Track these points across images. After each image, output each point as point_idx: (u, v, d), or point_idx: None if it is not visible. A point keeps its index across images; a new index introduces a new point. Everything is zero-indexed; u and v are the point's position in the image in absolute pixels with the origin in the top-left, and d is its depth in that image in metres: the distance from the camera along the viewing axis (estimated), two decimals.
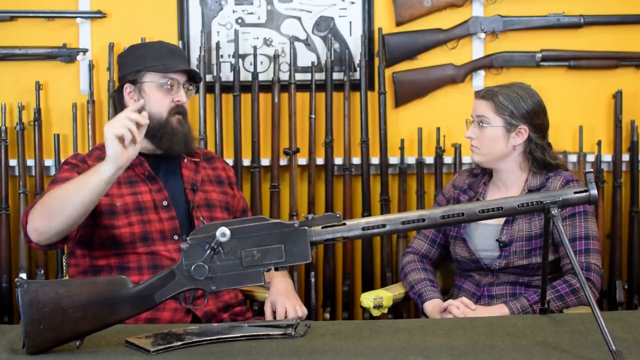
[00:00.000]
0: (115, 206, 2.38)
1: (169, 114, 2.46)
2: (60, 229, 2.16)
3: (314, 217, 1.85)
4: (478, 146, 2.59)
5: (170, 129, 2.45)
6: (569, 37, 3.49)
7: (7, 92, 3.45)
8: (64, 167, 2.41)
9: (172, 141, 2.46)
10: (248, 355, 1.81)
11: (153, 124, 2.42)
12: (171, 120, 2.46)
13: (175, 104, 2.47)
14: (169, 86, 2.46)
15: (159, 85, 2.45)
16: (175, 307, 2.34)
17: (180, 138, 2.47)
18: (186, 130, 2.49)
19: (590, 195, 1.87)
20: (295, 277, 3.35)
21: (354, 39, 3.49)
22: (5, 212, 3.40)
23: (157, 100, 2.45)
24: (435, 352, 1.80)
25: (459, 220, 1.89)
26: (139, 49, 2.56)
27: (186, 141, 2.49)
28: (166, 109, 2.46)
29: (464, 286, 2.64)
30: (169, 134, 2.45)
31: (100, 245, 2.37)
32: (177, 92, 2.47)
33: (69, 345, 1.83)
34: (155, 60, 2.46)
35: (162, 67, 2.45)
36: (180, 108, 2.48)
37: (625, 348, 1.75)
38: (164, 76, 2.45)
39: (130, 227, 2.37)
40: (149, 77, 2.45)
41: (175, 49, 2.59)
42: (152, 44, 2.68)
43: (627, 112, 3.47)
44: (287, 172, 3.48)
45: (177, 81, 2.47)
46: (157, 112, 2.44)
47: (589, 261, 2.47)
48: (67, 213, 2.12)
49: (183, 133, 2.47)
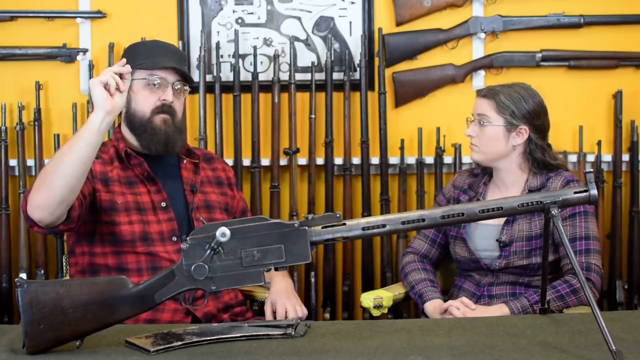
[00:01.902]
0: (116, 203, 2.37)
1: (153, 112, 2.43)
2: (61, 197, 2.11)
3: (314, 217, 1.85)
4: (478, 145, 2.59)
5: (150, 128, 2.43)
6: (569, 37, 3.49)
7: (7, 92, 3.45)
8: None
9: (150, 140, 2.43)
10: (248, 355, 1.81)
11: (137, 121, 2.44)
12: (154, 119, 2.43)
13: (161, 102, 2.43)
14: (156, 84, 2.43)
15: (145, 83, 2.44)
16: (175, 307, 2.34)
17: (160, 138, 2.43)
18: (170, 130, 2.44)
19: (590, 195, 1.87)
20: (295, 277, 3.35)
21: (354, 39, 3.49)
22: (5, 212, 3.40)
23: (142, 98, 2.43)
24: (435, 352, 1.80)
25: (459, 220, 1.89)
26: (136, 47, 2.55)
27: (167, 141, 2.44)
28: (150, 108, 2.43)
29: (464, 286, 2.64)
30: (149, 132, 2.43)
31: (101, 242, 2.37)
32: (164, 90, 2.45)
33: (69, 345, 1.83)
34: (145, 58, 2.45)
35: (149, 64, 2.43)
36: (166, 107, 2.44)
37: (625, 348, 1.75)
38: (151, 74, 2.43)
39: (131, 226, 2.37)
40: (137, 74, 2.42)
41: (168, 47, 2.55)
42: (148, 42, 2.68)
43: (627, 112, 3.47)
44: (287, 172, 3.48)
45: (165, 79, 2.44)
46: (141, 110, 2.43)
47: (589, 261, 2.47)
48: (64, 174, 2.08)
49: (165, 132, 2.43)
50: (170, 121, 2.45)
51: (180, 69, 2.47)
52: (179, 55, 2.57)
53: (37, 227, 2.21)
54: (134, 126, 2.45)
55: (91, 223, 2.36)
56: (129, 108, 2.44)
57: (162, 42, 2.59)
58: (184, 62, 2.57)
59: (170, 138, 2.45)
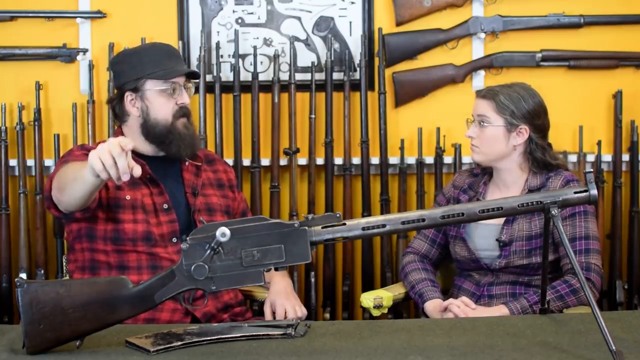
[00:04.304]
0: (124, 199, 2.38)
1: (174, 117, 2.45)
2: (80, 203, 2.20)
3: (314, 217, 1.85)
4: (478, 145, 2.59)
5: (177, 134, 2.45)
6: (569, 37, 3.48)
7: (7, 92, 3.45)
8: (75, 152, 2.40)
9: (179, 146, 2.46)
10: (248, 355, 1.81)
11: (160, 130, 2.44)
12: (177, 125, 2.45)
13: (179, 106, 2.46)
14: (172, 90, 2.45)
15: (161, 91, 2.45)
16: (174, 307, 2.34)
17: (187, 142, 2.47)
18: (192, 132, 2.50)
19: (590, 195, 1.87)
20: (295, 277, 3.35)
21: (354, 39, 3.49)
22: (5, 212, 3.40)
23: (161, 105, 2.44)
24: (435, 352, 1.80)
25: (459, 220, 1.89)
26: (135, 55, 2.50)
27: (192, 144, 2.49)
28: (171, 113, 2.45)
29: (464, 286, 2.64)
30: (177, 139, 2.45)
31: (103, 239, 2.37)
32: (179, 94, 2.46)
33: (69, 345, 1.83)
34: (154, 67, 2.44)
35: (162, 73, 2.44)
36: (184, 110, 2.47)
37: (625, 348, 1.75)
38: (165, 81, 2.44)
39: (135, 224, 2.37)
40: (150, 84, 2.44)
41: (171, 50, 2.54)
42: (147, 48, 2.62)
43: (627, 112, 3.47)
44: (287, 172, 3.48)
45: (178, 84, 2.46)
46: (163, 117, 2.44)
47: (589, 261, 2.47)
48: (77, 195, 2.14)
49: (189, 136, 2.48)
50: (188, 123, 2.49)
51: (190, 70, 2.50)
52: (179, 55, 2.59)
53: (55, 210, 2.28)
54: (157, 134, 2.45)
55: (95, 219, 2.36)
56: (149, 119, 2.44)
57: (160, 44, 2.57)
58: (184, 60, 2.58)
59: (195, 140, 2.51)
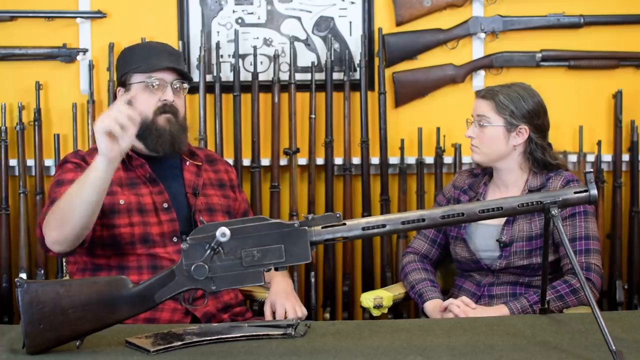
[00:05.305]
0: (119, 204, 2.37)
1: (155, 113, 2.43)
2: (76, 234, 2.17)
3: (314, 217, 1.85)
4: (478, 146, 2.59)
5: (155, 129, 2.42)
6: (569, 37, 3.49)
7: (7, 92, 3.45)
8: (67, 166, 2.40)
9: (157, 141, 2.43)
10: (248, 355, 1.81)
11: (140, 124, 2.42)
12: (157, 120, 2.43)
13: (162, 102, 2.43)
14: (155, 85, 2.43)
15: (144, 85, 2.43)
16: (174, 307, 2.34)
17: (165, 138, 2.43)
18: (175, 129, 2.45)
19: (590, 195, 1.87)
20: (295, 277, 3.35)
21: (354, 39, 3.49)
22: (5, 212, 3.40)
23: (143, 100, 2.43)
24: (435, 352, 1.80)
25: (459, 220, 1.89)
26: (129, 51, 2.53)
27: (173, 141, 2.44)
28: (152, 109, 2.43)
29: (464, 286, 2.64)
30: (154, 134, 2.43)
31: (100, 245, 2.37)
32: (164, 90, 2.44)
33: (69, 345, 1.83)
34: (141, 61, 2.45)
35: (146, 67, 2.43)
36: (168, 107, 2.44)
37: (625, 348, 1.75)
38: (149, 76, 2.43)
39: (131, 228, 2.37)
40: (135, 78, 2.44)
41: (163, 47, 2.54)
42: (143, 45, 2.66)
43: (627, 112, 3.47)
44: (287, 172, 3.48)
45: (163, 80, 2.44)
46: (143, 112, 2.42)
47: (589, 261, 2.47)
48: (76, 217, 2.12)
49: (170, 132, 2.43)
50: (174, 120, 2.45)
51: (177, 68, 2.47)
52: (175, 54, 2.56)
53: (53, 252, 2.26)
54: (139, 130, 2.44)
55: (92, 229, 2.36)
56: None
57: (156, 42, 2.60)
58: (181, 61, 2.57)
59: (176, 137, 2.46)
